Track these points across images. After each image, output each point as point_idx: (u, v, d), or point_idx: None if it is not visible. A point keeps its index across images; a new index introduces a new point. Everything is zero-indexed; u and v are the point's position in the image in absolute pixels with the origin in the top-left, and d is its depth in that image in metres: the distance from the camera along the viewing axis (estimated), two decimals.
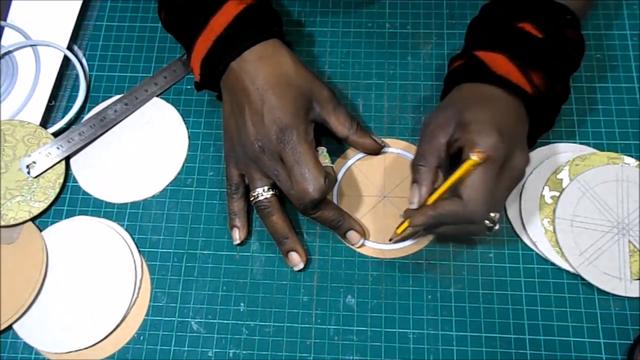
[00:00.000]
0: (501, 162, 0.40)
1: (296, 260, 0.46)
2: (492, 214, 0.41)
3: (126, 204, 0.50)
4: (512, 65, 0.42)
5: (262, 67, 0.44)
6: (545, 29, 0.43)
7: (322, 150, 0.46)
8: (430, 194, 0.41)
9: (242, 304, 0.46)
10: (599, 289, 0.44)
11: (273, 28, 0.46)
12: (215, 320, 0.46)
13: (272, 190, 0.46)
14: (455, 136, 0.41)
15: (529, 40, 0.43)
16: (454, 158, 0.42)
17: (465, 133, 0.40)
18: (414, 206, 0.41)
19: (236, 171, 0.47)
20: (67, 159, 0.51)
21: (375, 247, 0.47)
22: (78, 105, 0.53)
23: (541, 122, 0.44)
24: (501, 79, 0.42)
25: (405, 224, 0.42)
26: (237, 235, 0.47)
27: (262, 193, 0.45)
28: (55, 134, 0.51)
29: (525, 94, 0.42)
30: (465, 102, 0.42)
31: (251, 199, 0.46)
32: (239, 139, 0.45)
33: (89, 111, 0.53)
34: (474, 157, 0.38)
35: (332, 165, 0.46)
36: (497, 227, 0.42)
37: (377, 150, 0.49)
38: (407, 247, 0.47)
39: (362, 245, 0.47)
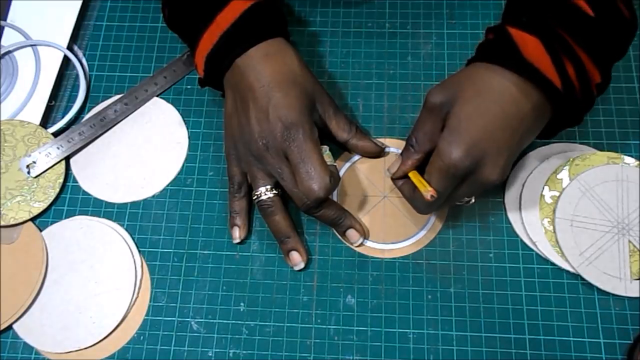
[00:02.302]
0: (461, 174, 0.39)
1: (297, 259, 0.46)
2: (466, 198, 0.43)
3: (126, 204, 0.50)
4: (543, 51, 0.37)
5: (268, 65, 0.44)
6: (597, 5, 0.37)
7: (325, 148, 0.46)
8: (408, 172, 0.43)
9: (242, 304, 0.46)
10: (599, 289, 0.44)
11: (279, 27, 0.46)
12: (215, 320, 0.46)
13: (275, 190, 0.45)
14: (444, 123, 0.40)
15: (576, 18, 0.37)
16: None
17: (443, 134, 0.39)
18: (387, 175, 0.45)
19: (238, 170, 0.47)
20: (67, 159, 0.51)
21: (375, 247, 0.47)
22: (78, 105, 0.53)
23: (568, 117, 0.40)
24: (528, 67, 0.37)
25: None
26: (237, 234, 0.47)
27: (265, 192, 0.45)
28: (55, 134, 0.51)
29: (553, 90, 0.37)
30: (467, 89, 0.39)
31: (253, 198, 0.46)
32: (241, 136, 0.45)
33: (89, 111, 0.53)
34: (426, 196, 0.39)
35: (335, 164, 0.46)
36: (472, 201, 0.45)
37: (377, 153, 0.49)
38: (407, 247, 0.47)
39: (362, 244, 0.47)
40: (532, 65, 0.37)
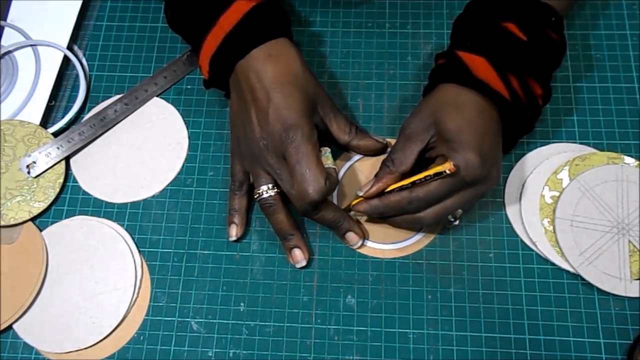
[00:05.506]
0: (472, 183, 0.41)
1: (299, 257, 0.46)
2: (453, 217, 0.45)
3: (126, 204, 0.50)
4: (491, 68, 0.42)
5: (270, 66, 0.44)
6: (529, 31, 0.43)
7: (326, 150, 0.46)
8: (381, 191, 0.44)
9: (242, 304, 0.46)
10: (599, 289, 0.45)
11: (283, 27, 0.46)
12: (215, 320, 0.46)
13: (277, 188, 0.45)
14: (432, 145, 0.43)
15: (511, 42, 0.43)
16: (426, 160, 0.44)
17: (446, 148, 0.41)
18: (360, 193, 0.45)
19: (241, 168, 0.47)
20: (67, 159, 0.51)
21: (375, 247, 0.47)
22: (78, 105, 0.53)
23: (520, 126, 0.45)
24: (480, 83, 0.42)
25: (356, 201, 0.45)
26: (234, 232, 0.47)
27: (267, 191, 0.45)
28: (55, 134, 0.51)
29: (503, 100, 0.42)
30: (444, 109, 0.42)
31: (255, 197, 0.46)
32: (244, 136, 0.45)
33: (89, 111, 0.53)
34: (447, 171, 0.39)
35: (334, 166, 0.46)
36: (456, 222, 0.46)
37: (380, 149, 0.49)
38: (407, 247, 0.47)
39: (362, 246, 0.47)
40: (482, 81, 0.42)
